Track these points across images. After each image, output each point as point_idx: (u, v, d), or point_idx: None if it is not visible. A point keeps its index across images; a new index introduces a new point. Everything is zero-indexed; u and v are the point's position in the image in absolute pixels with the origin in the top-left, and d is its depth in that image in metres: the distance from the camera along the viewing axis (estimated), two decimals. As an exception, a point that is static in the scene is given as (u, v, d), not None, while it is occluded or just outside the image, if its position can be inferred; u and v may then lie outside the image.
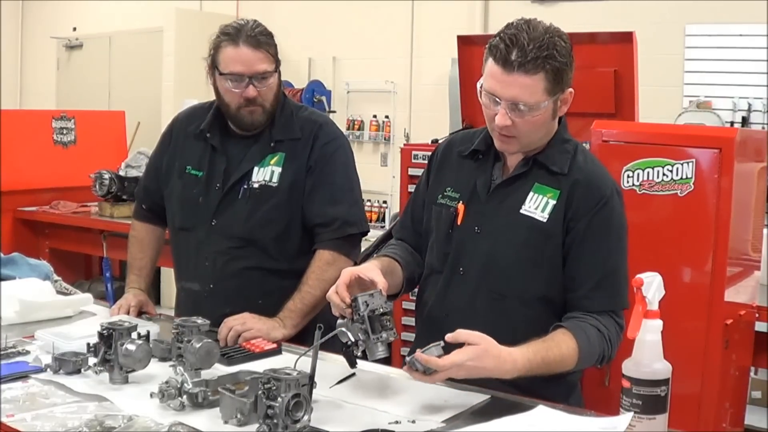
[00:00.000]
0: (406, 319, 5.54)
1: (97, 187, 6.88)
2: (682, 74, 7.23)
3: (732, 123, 6.88)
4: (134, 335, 2.64)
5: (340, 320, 2.55)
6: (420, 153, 5.76)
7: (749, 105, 6.89)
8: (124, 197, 6.87)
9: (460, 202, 2.81)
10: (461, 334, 2.42)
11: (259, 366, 2.60)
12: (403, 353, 5.27)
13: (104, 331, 2.62)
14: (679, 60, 7.23)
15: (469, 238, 2.77)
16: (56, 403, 2.41)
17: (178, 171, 3.49)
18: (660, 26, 7.15)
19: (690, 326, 3.76)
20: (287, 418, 2.13)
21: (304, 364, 2.29)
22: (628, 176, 3.90)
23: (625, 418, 2.18)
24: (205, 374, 2.48)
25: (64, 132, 7.53)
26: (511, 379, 2.60)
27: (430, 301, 2.85)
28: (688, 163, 3.80)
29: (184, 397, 2.37)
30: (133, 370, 2.60)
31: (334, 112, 9.17)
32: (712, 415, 3.84)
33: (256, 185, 3.34)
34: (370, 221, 7.91)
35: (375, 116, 9.19)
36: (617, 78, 5.09)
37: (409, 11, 8.89)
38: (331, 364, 2.71)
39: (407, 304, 5.50)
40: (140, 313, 3.45)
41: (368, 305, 2.48)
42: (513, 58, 2.53)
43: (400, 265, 2.88)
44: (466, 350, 2.40)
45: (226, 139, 3.42)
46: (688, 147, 3.84)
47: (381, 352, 2.50)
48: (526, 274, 2.71)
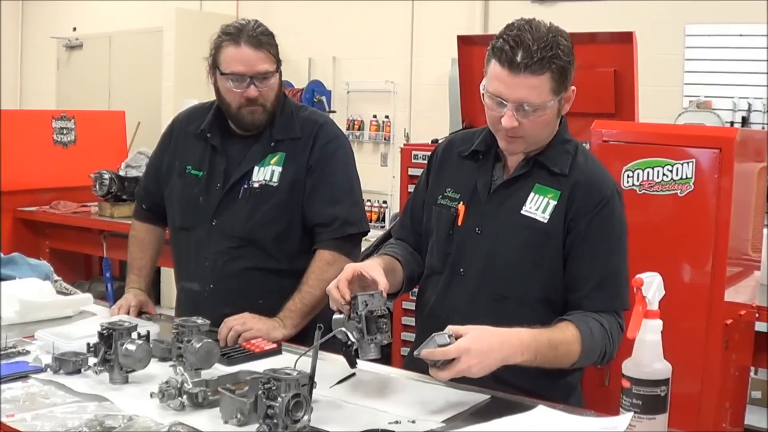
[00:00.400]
0: (406, 319, 5.55)
1: (97, 187, 6.88)
2: (682, 74, 7.23)
3: (732, 123, 6.89)
4: (134, 335, 2.64)
5: (336, 315, 2.56)
6: (420, 153, 5.76)
7: (749, 105, 6.89)
8: (124, 197, 6.87)
9: (461, 203, 2.81)
10: (453, 329, 2.41)
11: (259, 366, 2.60)
12: (403, 353, 5.29)
13: (104, 331, 2.62)
14: (679, 60, 7.23)
15: (470, 238, 2.77)
16: (56, 403, 2.41)
17: (179, 171, 3.49)
18: (660, 26, 7.15)
19: (690, 326, 3.76)
20: (287, 418, 2.13)
21: (304, 364, 2.28)
22: (628, 176, 3.90)
23: (625, 418, 2.18)
24: (205, 374, 2.48)
25: (64, 132, 7.53)
26: (512, 379, 2.61)
27: (431, 302, 2.85)
28: (688, 163, 3.80)
29: (184, 397, 2.37)
30: (133, 370, 2.60)
31: (334, 112, 9.17)
32: (712, 415, 3.84)
33: (256, 185, 3.34)
34: (370, 221, 7.91)
35: (375, 116, 9.19)
36: (617, 78, 5.09)
37: (409, 11, 8.89)
38: (331, 364, 2.71)
39: (407, 304, 5.50)
40: (140, 313, 3.45)
41: (367, 305, 2.48)
42: (519, 59, 2.52)
43: (401, 264, 2.88)
44: (466, 336, 2.38)
45: (227, 139, 3.42)
46: (688, 147, 3.84)
47: (373, 353, 2.50)
48: (526, 275, 2.71)
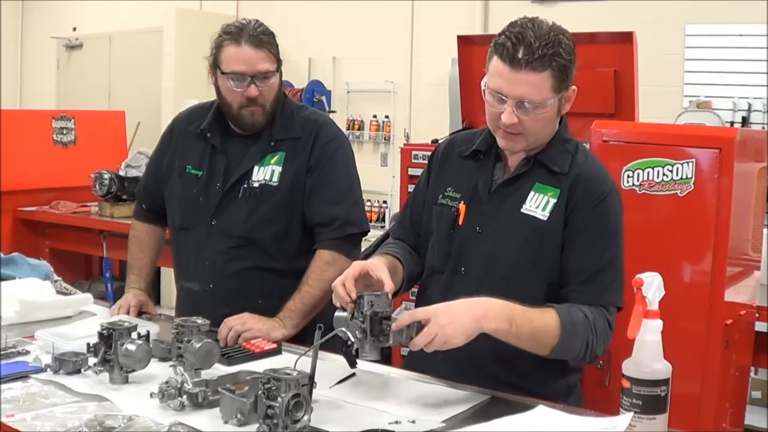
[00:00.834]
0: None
1: (97, 187, 6.89)
2: (682, 74, 7.24)
3: (732, 123, 6.89)
4: (134, 335, 2.64)
5: (338, 313, 2.54)
6: (420, 153, 5.76)
7: (749, 105, 6.90)
8: (124, 197, 6.87)
9: (462, 203, 2.81)
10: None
11: (259, 366, 2.60)
12: (404, 353, 5.28)
13: (104, 331, 2.61)
14: (679, 60, 7.24)
15: (471, 238, 2.77)
16: (56, 403, 2.41)
17: (179, 171, 3.49)
18: (660, 26, 7.15)
19: (690, 326, 3.76)
20: (287, 418, 2.13)
21: (304, 364, 2.28)
22: (628, 176, 3.89)
23: (625, 418, 2.18)
24: (205, 374, 2.48)
25: (64, 132, 7.53)
26: (512, 378, 2.61)
27: (432, 301, 2.83)
28: (688, 163, 3.80)
29: (184, 397, 2.37)
30: (133, 370, 2.60)
31: (334, 112, 9.17)
32: (712, 415, 3.84)
33: (256, 185, 3.34)
34: (370, 221, 7.91)
35: (375, 116, 9.20)
36: (617, 78, 5.09)
37: (409, 11, 8.89)
38: (331, 364, 2.70)
39: (407, 304, 5.50)
40: (140, 313, 3.45)
41: (373, 305, 2.47)
42: (520, 55, 2.53)
43: (401, 263, 2.88)
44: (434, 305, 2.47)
45: (227, 139, 3.42)
46: (688, 147, 3.83)
47: (374, 355, 2.49)
48: (527, 274, 2.71)
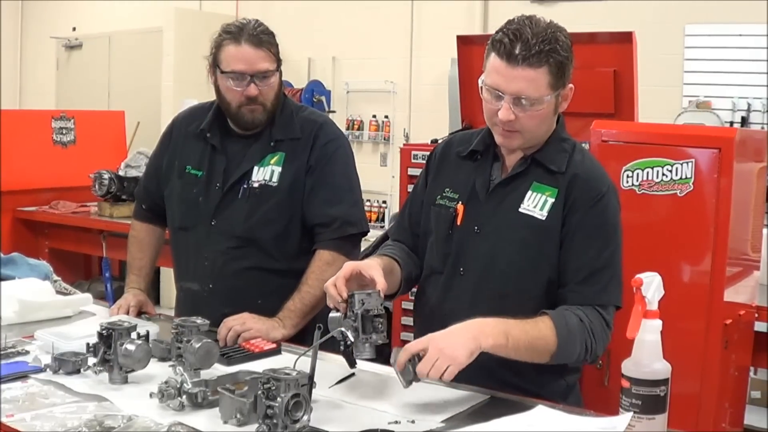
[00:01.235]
0: (406, 319, 5.55)
1: (97, 187, 6.89)
2: (682, 74, 7.23)
3: (731, 123, 6.88)
4: (134, 335, 2.64)
5: (332, 313, 2.56)
6: (419, 153, 5.76)
7: (749, 105, 6.89)
8: (124, 197, 6.87)
9: (459, 203, 2.82)
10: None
11: (259, 366, 2.60)
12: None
13: (104, 331, 2.62)
14: (679, 60, 7.23)
15: (469, 238, 2.77)
16: (56, 403, 2.41)
17: (178, 171, 3.49)
18: (659, 26, 7.15)
19: (689, 326, 3.76)
20: (287, 418, 2.13)
21: (304, 364, 2.29)
22: (628, 176, 3.89)
23: (625, 418, 2.18)
24: (205, 374, 2.49)
25: (64, 132, 7.53)
26: (511, 379, 2.62)
27: (431, 302, 2.85)
28: (687, 163, 3.80)
29: (184, 397, 2.37)
30: (133, 370, 2.60)
31: (334, 112, 9.17)
32: (712, 415, 3.84)
33: (255, 185, 3.34)
34: (370, 221, 7.91)
35: (374, 116, 9.19)
36: (617, 78, 5.09)
37: (408, 11, 8.89)
38: (331, 364, 2.71)
39: (407, 304, 5.50)
40: (140, 313, 3.45)
41: (364, 304, 2.48)
42: (517, 51, 2.54)
43: (399, 265, 2.88)
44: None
45: (226, 139, 3.43)
46: (687, 147, 3.83)
47: (367, 353, 2.50)
48: (526, 273, 2.71)
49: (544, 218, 2.68)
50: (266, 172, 3.35)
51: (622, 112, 5.08)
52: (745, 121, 6.87)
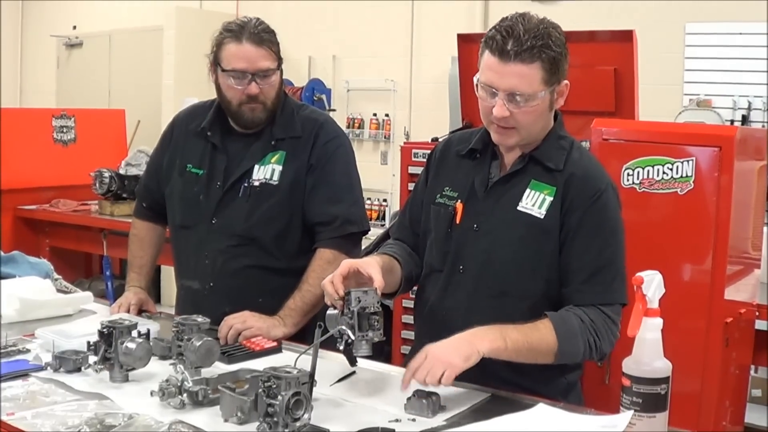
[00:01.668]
0: (406, 317, 5.54)
1: (97, 185, 6.88)
2: (682, 72, 7.23)
3: (732, 121, 6.88)
4: (134, 333, 2.64)
5: (330, 311, 2.57)
6: (420, 151, 5.74)
7: (749, 103, 6.89)
8: (124, 195, 6.87)
9: (459, 201, 2.82)
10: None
11: (260, 364, 2.60)
12: (404, 351, 5.29)
13: (104, 330, 2.62)
14: (679, 58, 7.23)
15: (468, 236, 2.77)
16: (56, 402, 2.42)
17: (179, 169, 3.49)
18: (660, 24, 7.14)
19: (690, 324, 3.76)
20: (287, 416, 2.13)
21: (305, 363, 2.29)
22: (628, 174, 3.89)
23: (625, 416, 2.19)
24: (206, 372, 2.49)
25: (64, 130, 7.53)
26: (512, 377, 2.62)
27: (431, 300, 2.85)
28: (688, 161, 3.80)
29: (185, 395, 2.37)
30: (134, 369, 2.60)
31: (334, 110, 9.17)
32: (712, 414, 3.84)
33: (256, 183, 3.34)
34: (370, 220, 7.90)
35: (375, 114, 9.19)
36: (617, 76, 5.08)
37: (409, 10, 8.89)
38: (332, 363, 2.71)
39: (407, 302, 5.49)
40: (140, 312, 3.45)
41: (360, 301, 2.49)
42: (509, 47, 2.55)
43: (399, 263, 2.88)
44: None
45: (227, 138, 3.43)
46: (688, 145, 3.83)
47: (364, 350, 2.50)
48: (525, 272, 2.71)
49: (542, 217, 2.69)
50: (267, 171, 3.35)
51: (623, 111, 5.07)
52: (745, 120, 6.87)
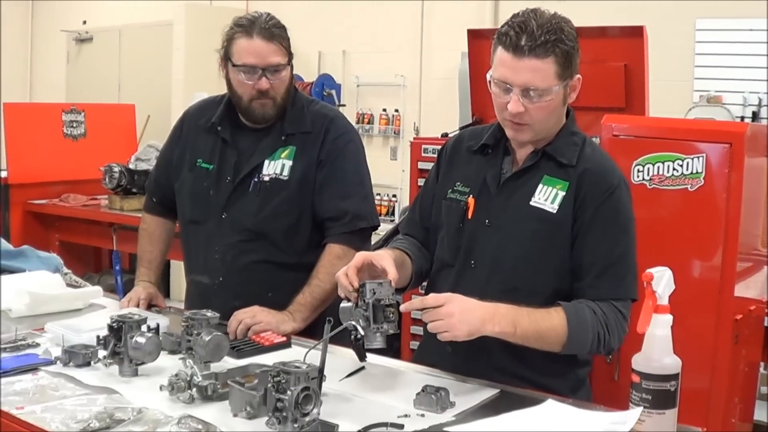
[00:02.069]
0: (415, 313, 5.52)
1: (107, 180, 6.89)
2: (693, 69, 7.21)
3: (742, 118, 6.85)
4: (144, 328, 2.64)
5: (343, 304, 2.56)
6: (430, 147, 5.74)
7: (759, 100, 6.87)
8: (134, 190, 6.88)
9: (470, 196, 2.82)
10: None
11: (269, 359, 2.61)
12: (413, 347, 5.29)
13: (114, 324, 2.62)
14: (690, 54, 7.21)
15: (480, 231, 2.77)
16: (66, 396, 2.42)
17: (189, 164, 3.49)
18: (670, 21, 7.12)
19: (700, 321, 3.76)
20: (296, 411, 2.13)
21: (314, 358, 2.29)
22: (639, 171, 3.89)
23: (635, 412, 2.18)
24: (215, 367, 2.49)
25: (74, 125, 7.54)
26: (522, 372, 2.62)
27: (441, 295, 2.85)
28: (698, 157, 3.80)
29: (194, 389, 2.37)
30: (143, 363, 2.60)
31: (344, 105, 9.17)
32: (722, 411, 3.84)
33: (266, 178, 3.34)
34: (380, 215, 7.89)
35: (385, 110, 9.18)
36: (627, 72, 5.08)
37: (419, 5, 8.88)
38: (341, 358, 2.71)
39: (416, 298, 5.49)
40: (150, 306, 3.45)
41: (375, 293, 2.48)
42: (523, 43, 2.56)
43: (410, 258, 2.89)
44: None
45: (237, 133, 3.43)
46: (698, 142, 3.83)
47: (378, 342, 2.49)
48: (537, 266, 2.71)
49: (555, 212, 2.68)
50: (277, 166, 3.35)
51: (633, 107, 5.07)
52: (756, 116, 6.84)
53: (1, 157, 7.27)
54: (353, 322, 2.49)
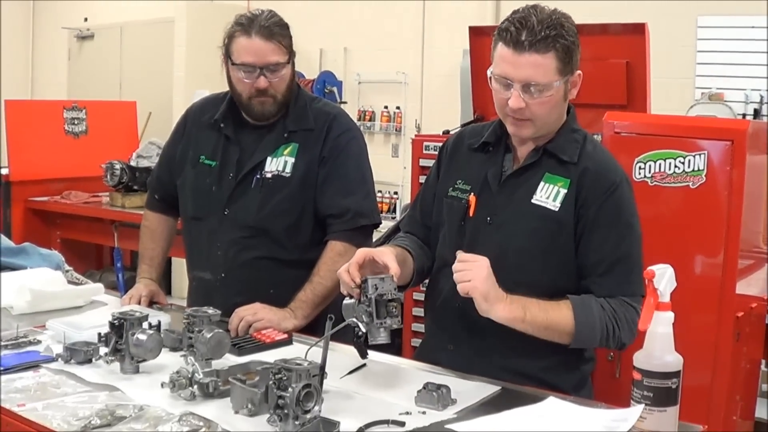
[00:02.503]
0: (417, 310, 5.53)
1: (109, 177, 6.89)
2: (694, 66, 7.21)
3: (744, 115, 6.85)
4: (145, 325, 2.64)
5: (346, 300, 2.56)
6: (431, 144, 5.74)
7: (761, 97, 6.86)
8: (135, 187, 6.88)
9: (472, 194, 2.82)
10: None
11: (270, 356, 2.60)
12: (414, 344, 5.28)
13: (115, 321, 2.62)
14: (692, 52, 7.21)
15: (482, 229, 2.77)
16: (67, 393, 2.42)
17: (192, 161, 3.50)
18: (672, 18, 7.12)
19: (701, 319, 3.76)
20: (298, 408, 2.13)
21: (315, 355, 2.29)
22: (640, 168, 3.89)
23: (636, 410, 2.18)
24: (216, 364, 2.49)
25: (76, 122, 7.53)
26: (525, 369, 2.63)
27: (444, 293, 2.84)
28: (700, 155, 3.79)
29: (195, 387, 2.37)
30: (144, 360, 2.60)
31: (345, 102, 9.16)
32: (723, 408, 3.84)
33: (268, 175, 3.34)
34: (381, 212, 7.90)
35: (386, 107, 9.18)
36: (629, 69, 5.07)
37: (420, 2, 8.87)
38: (342, 355, 2.71)
39: (418, 295, 5.49)
40: (151, 303, 3.46)
41: (377, 288, 2.48)
42: (523, 38, 2.57)
43: (412, 256, 2.89)
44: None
45: (240, 129, 3.43)
46: (700, 139, 3.83)
47: (382, 337, 2.49)
48: (539, 264, 2.71)
49: (557, 209, 2.69)
50: (279, 163, 3.35)
51: (635, 104, 5.06)
52: (757, 113, 6.84)
53: (2, 155, 7.27)
54: (355, 319, 2.49)
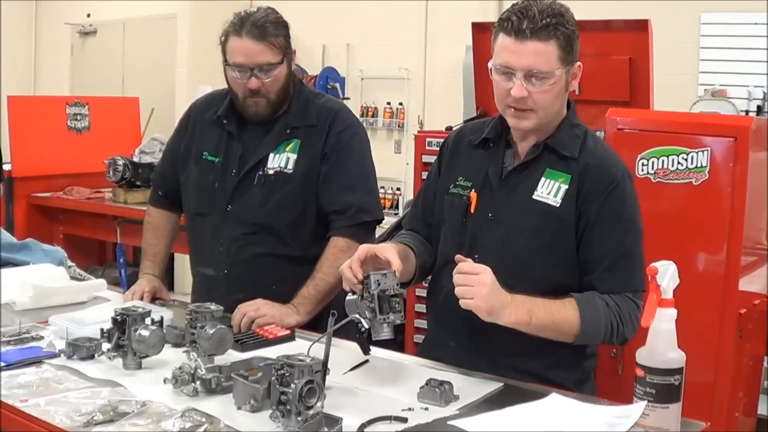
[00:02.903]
0: (419, 306, 5.53)
1: (111, 173, 6.90)
2: (698, 62, 7.20)
3: (747, 112, 6.85)
4: (148, 321, 2.64)
5: (349, 296, 2.56)
6: (434, 140, 5.73)
7: (764, 94, 6.86)
8: (138, 183, 6.89)
9: (473, 191, 2.81)
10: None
11: (273, 352, 2.60)
12: (417, 341, 5.29)
13: (118, 317, 2.62)
14: (695, 48, 7.20)
15: (483, 225, 2.77)
16: (70, 389, 2.42)
17: (195, 157, 3.50)
18: (675, 14, 7.11)
19: (704, 315, 3.76)
20: (300, 404, 2.13)
21: (318, 351, 2.29)
22: (643, 164, 3.88)
23: (639, 406, 2.18)
24: (219, 360, 2.49)
25: (78, 118, 7.54)
26: (528, 366, 2.62)
27: (446, 290, 2.84)
28: (703, 151, 3.79)
29: (198, 383, 2.37)
30: (147, 356, 2.61)
31: (348, 98, 9.14)
32: (726, 405, 3.84)
33: (271, 171, 3.34)
34: (384, 208, 7.89)
35: (389, 103, 9.17)
36: (632, 66, 5.07)
37: (423, -2, 8.88)
38: (345, 351, 2.71)
39: (420, 291, 5.49)
40: (154, 299, 3.46)
41: (380, 284, 2.48)
42: (525, 26, 2.58)
43: (414, 252, 2.89)
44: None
45: (243, 126, 3.43)
46: (703, 135, 3.82)
47: (386, 333, 2.49)
48: (540, 260, 2.71)
49: (558, 205, 2.68)
50: (282, 159, 3.35)
51: (638, 100, 5.06)
52: (760, 110, 6.84)
53: (5, 150, 7.27)
54: (357, 315, 2.49)
